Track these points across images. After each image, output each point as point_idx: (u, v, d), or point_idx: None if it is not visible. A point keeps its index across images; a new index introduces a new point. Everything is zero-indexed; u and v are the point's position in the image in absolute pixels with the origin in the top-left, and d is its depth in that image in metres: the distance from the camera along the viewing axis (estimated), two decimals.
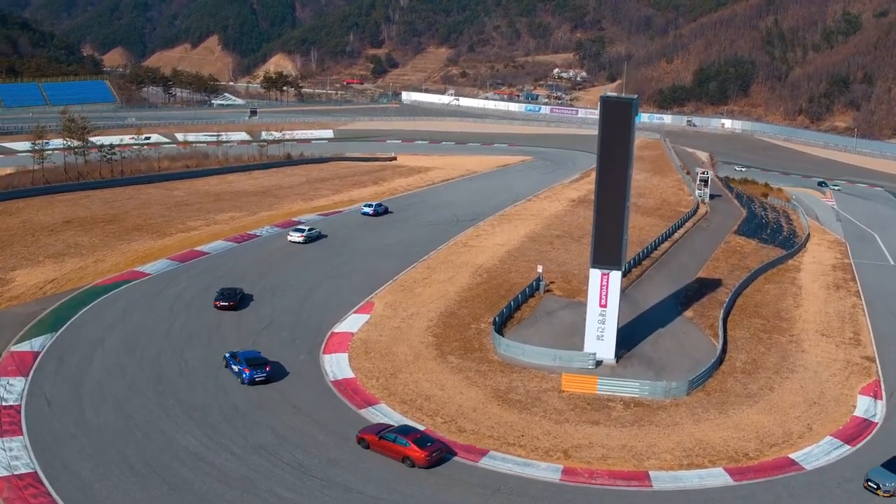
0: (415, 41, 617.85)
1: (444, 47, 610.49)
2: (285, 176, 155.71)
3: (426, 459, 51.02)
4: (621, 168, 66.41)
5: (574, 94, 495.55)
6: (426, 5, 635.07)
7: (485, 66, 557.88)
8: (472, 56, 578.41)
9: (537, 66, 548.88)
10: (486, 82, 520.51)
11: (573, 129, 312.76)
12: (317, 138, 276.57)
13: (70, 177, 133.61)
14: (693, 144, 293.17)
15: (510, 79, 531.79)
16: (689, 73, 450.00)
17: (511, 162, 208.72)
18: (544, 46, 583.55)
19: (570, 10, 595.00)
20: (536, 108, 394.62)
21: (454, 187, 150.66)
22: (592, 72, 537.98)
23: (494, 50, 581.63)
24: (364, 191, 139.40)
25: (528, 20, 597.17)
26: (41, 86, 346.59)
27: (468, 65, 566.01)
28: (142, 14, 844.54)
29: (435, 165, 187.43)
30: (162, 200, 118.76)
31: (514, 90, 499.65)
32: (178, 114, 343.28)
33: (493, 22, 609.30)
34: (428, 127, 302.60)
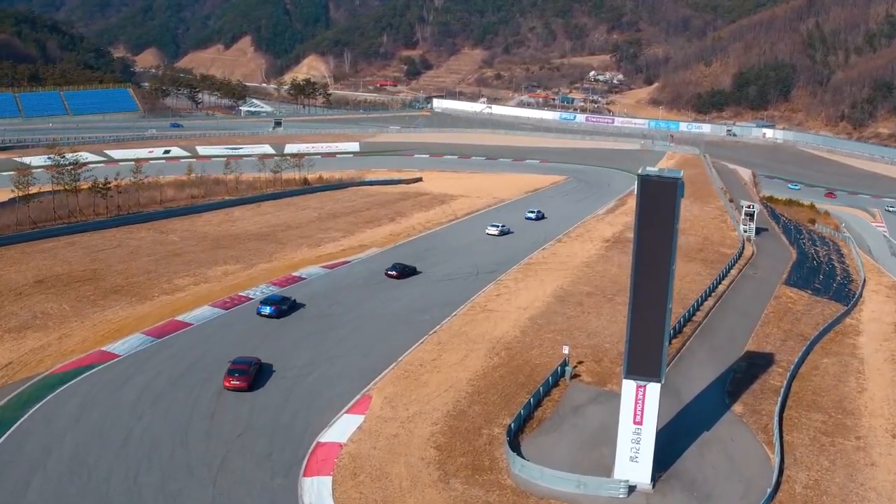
0: (449, 42, 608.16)
1: (478, 48, 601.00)
2: (296, 209, 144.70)
3: None
4: (663, 261, 54.63)
5: (610, 97, 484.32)
6: (461, 6, 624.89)
7: (520, 68, 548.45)
8: (506, 58, 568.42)
9: (573, 69, 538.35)
10: (521, 85, 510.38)
11: (609, 142, 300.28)
12: (342, 152, 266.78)
13: (60, 215, 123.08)
14: (733, 157, 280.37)
15: (545, 81, 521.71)
16: (727, 77, 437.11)
17: (542, 184, 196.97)
18: (580, 48, 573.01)
19: (606, 11, 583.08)
20: (571, 116, 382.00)
21: (478, 223, 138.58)
22: (629, 74, 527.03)
23: (529, 51, 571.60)
24: (379, 231, 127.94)
25: (564, 21, 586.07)
26: (62, 94, 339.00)
27: (503, 67, 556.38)
28: (175, 14, 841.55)
29: (461, 192, 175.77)
30: (152, 249, 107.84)
31: (550, 93, 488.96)
32: (201, 123, 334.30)
33: (529, 23, 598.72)
34: (458, 139, 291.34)
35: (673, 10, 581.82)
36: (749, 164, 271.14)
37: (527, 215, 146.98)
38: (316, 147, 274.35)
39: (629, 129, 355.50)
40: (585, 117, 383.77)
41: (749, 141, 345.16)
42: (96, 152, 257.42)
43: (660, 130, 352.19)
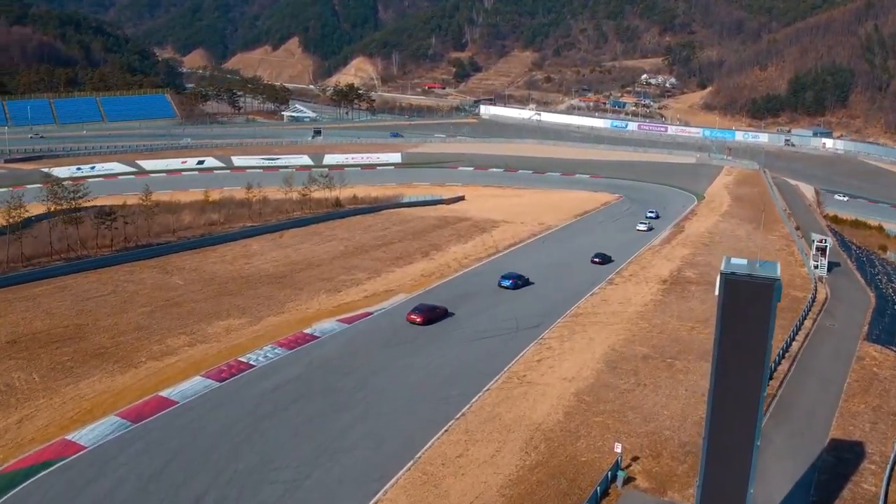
0: (498, 44, 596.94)
1: (528, 51, 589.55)
2: (322, 240, 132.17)
3: None
4: (751, 386, 41.00)
5: (662, 101, 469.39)
6: (511, 7, 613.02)
7: (570, 71, 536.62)
8: (557, 60, 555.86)
9: (624, 72, 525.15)
10: (572, 88, 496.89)
11: (662, 154, 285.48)
12: (383, 164, 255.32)
13: (58, 249, 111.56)
14: (792, 170, 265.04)
15: (596, 84, 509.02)
16: (783, 82, 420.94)
17: (593, 205, 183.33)
18: (632, 51, 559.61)
19: (658, 13, 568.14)
20: (623, 124, 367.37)
21: (520, 258, 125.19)
22: (682, 78, 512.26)
23: (580, 54, 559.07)
24: (409, 271, 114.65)
25: (616, 23, 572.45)
26: (98, 100, 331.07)
27: (553, 69, 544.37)
28: (223, 15, 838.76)
29: (504, 216, 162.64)
30: (150, 296, 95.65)
31: (601, 97, 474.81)
32: (239, 131, 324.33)
33: (580, 24, 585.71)
34: (504, 151, 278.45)
35: (726, 12, 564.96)
36: (809, 177, 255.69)
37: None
38: (356, 158, 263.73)
39: (683, 138, 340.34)
40: (638, 125, 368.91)
41: (808, 151, 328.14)
42: (127, 162, 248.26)
43: (715, 140, 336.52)
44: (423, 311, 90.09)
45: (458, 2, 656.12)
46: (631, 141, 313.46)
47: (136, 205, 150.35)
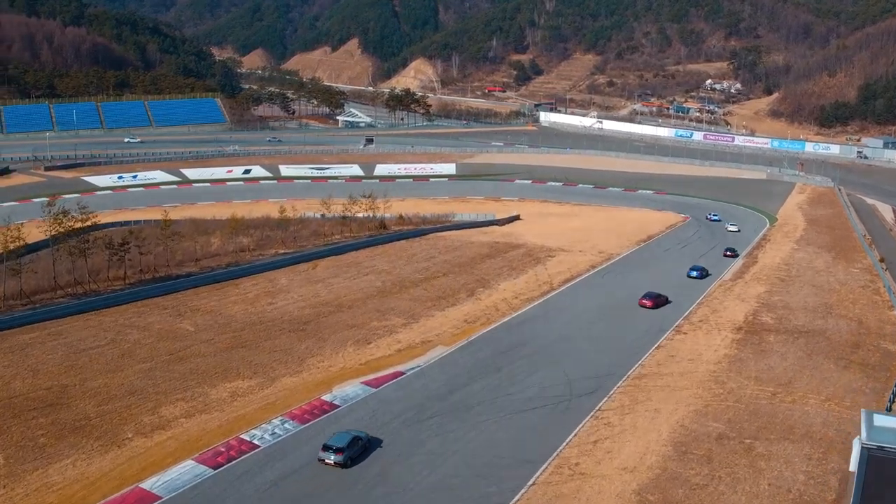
0: (560, 47, 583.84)
1: (590, 54, 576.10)
2: (357, 273, 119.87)
3: None
4: None
5: (727, 107, 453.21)
6: (573, 9, 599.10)
7: (633, 75, 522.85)
8: (619, 64, 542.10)
9: (688, 76, 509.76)
10: (634, 93, 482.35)
11: (730, 168, 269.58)
12: (436, 175, 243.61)
13: (63, 284, 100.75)
14: (866, 186, 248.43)
15: (659, 89, 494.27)
16: (852, 89, 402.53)
17: (657, 229, 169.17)
18: (696, 55, 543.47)
19: (724, 16, 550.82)
20: (688, 133, 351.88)
21: (577, 297, 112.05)
22: (747, 83, 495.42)
23: (643, 58, 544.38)
24: (451, 315, 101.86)
25: (680, 26, 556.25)
26: (147, 104, 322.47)
27: (615, 73, 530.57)
28: (283, 16, 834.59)
29: (561, 242, 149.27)
30: (153, 349, 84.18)
31: (664, 102, 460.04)
32: (290, 136, 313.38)
33: (643, 27, 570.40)
34: (564, 162, 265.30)
35: (793, 16, 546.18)
36: (885, 194, 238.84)
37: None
38: (408, 168, 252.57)
39: (751, 149, 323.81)
40: (703, 135, 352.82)
41: (882, 164, 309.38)
42: (171, 171, 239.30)
43: (784, 151, 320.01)
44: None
45: (519, 3, 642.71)
46: (696, 152, 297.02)
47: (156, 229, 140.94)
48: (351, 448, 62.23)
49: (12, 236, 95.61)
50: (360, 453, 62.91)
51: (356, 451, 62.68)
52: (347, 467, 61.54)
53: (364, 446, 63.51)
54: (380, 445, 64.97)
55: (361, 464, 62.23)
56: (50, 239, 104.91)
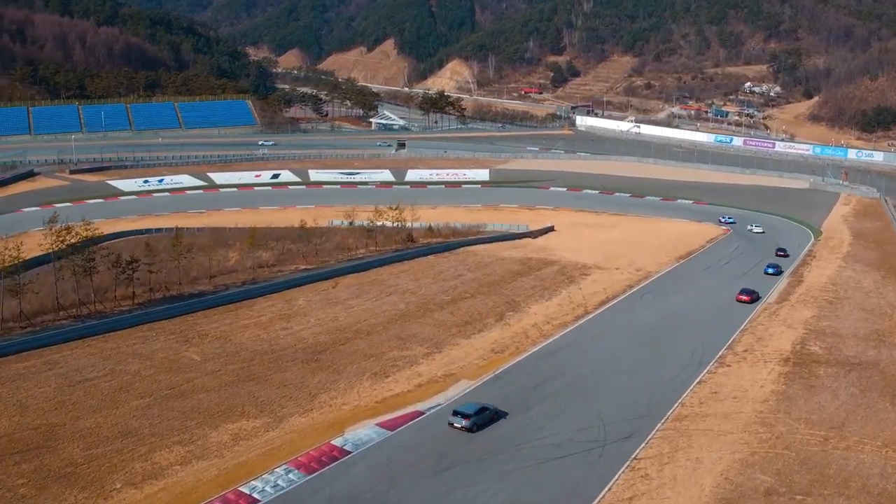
0: (597, 48, 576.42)
1: (628, 55, 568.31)
2: (380, 293, 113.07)
3: None
4: None
5: (767, 111, 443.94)
6: (610, 10, 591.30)
7: (671, 78, 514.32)
8: (657, 66, 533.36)
9: (727, 79, 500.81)
10: (672, 95, 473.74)
11: (772, 178, 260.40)
12: (469, 181, 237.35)
13: (65, 304, 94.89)
14: None
15: (697, 92, 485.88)
16: (895, 93, 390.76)
17: (697, 243, 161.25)
18: (735, 57, 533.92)
19: (763, 18, 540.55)
20: (728, 138, 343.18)
21: (613, 323, 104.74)
22: (787, 87, 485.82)
23: (681, 60, 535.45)
24: (477, 342, 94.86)
25: (719, 28, 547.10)
26: (177, 105, 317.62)
27: (653, 75, 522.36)
28: (319, 15, 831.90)
29: (596, 258, 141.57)
30: (153, 381, 78.00)
31: (702, 105, 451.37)
32: (320, 140, 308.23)
33: (681, 29, 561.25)
34: (600, 169, 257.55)
35: (835, 19, 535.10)
36: None
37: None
38: (440, 174, 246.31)
39: (792, 156, 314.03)
40: (743, 141, 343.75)
41: None
42: (198, 175, 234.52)
43: (826, 158, 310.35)
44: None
45: (556, 4, 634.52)
46: (736, 159, 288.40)
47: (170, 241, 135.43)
48: (478, 415, 70.26)
49: (10, 254, 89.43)
50: (487, 421, 70.82)
51: (483, 419, 70.52)
52: (473, 432, 69.25)
53: (492, 417, 71.64)
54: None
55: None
56: (52, 256, 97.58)
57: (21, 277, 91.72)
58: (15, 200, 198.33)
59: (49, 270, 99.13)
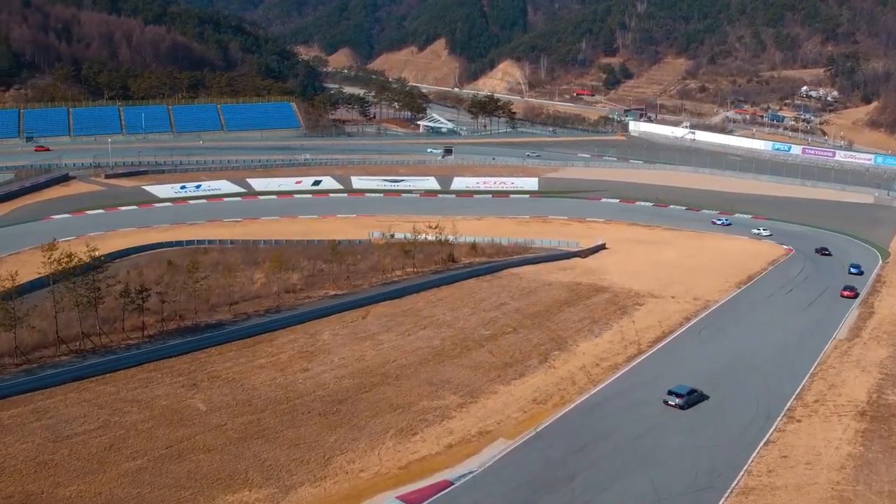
0: (651, 50, 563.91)
1: (682, 58, 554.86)
2: (414, 325, 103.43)
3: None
4: None
5: (824, 116, 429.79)
6: (664, 12, 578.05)
7: (726, 81, 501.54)
8: (712, 68, 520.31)
9: (783, 83, 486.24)
10: (727, 99, 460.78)
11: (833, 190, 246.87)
12: (517, 190, 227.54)
13: (66, 337, 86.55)
14: None
15: (753, 95, 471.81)
16: None
17: (758, 266, 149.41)
18: (791, 60, 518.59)
19: (821, 21, 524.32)
20: (786, 147, 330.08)
21: (669, 365, 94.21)
22: (845, 91, 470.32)
23: (737, 63, 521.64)
24: (518, 390, 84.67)
25: (775, 31, 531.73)
26: (219, 107, 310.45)
27: (707, 78, 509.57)
28: (370, 15, 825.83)
29: (650, 283, 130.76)
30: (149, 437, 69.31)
31: (757, 109, 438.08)
32: (364, 145, 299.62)
33: (737, 31, 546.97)
34: (654, 179, 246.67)
35: (894, 22, 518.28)
36: None
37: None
38: (487, 183, 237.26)
39: (852, 165, 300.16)
40: (802, 149, 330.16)
41: None
42: (237, 181, 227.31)
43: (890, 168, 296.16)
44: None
45: (610, 5, 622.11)
46: (795, 169, 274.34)
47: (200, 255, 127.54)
48: (689, 396, 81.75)
49: (5, 281, 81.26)
50: (696, 401, 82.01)
51: (693, 400, 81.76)
52: (684, 409, 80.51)
53: (699, 398, 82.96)
54: None
55: None
56: (49, 283, 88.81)
57: (17, 306, 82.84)
58: (46, 207, 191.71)
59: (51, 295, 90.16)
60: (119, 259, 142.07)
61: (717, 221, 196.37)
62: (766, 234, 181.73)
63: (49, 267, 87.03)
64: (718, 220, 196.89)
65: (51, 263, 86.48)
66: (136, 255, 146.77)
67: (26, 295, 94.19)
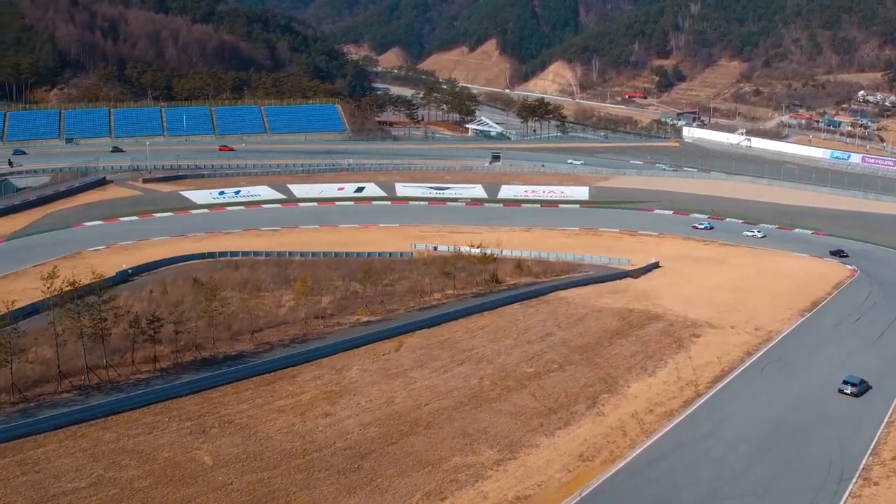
0: (704, 52, 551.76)
1: (736, 60, 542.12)
2: (450, 360, 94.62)
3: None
4: None
5: (881, 121, 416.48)
6: (719, 13, 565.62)
7: (781, 84, 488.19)
8: (766, 72, 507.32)
9: (839, 87, 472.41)
10: (782, 103, 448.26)
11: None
12: (567, 200, 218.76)
13: (69, 370, 79.31)
14: None
15: (808, 100, 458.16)
16: None
17: (821, 290, 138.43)
18: (848, 64, 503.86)
19: (878, 23, 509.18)
20: (845, 155, 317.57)
21: (729, 414, 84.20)
22: None
23: (792, 66, 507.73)
24: (562, 442, 75.73)
25: (831, 33, 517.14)
26: (263, 109, 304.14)
27: (762, 81, 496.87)
28: (421, 14, 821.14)
29: (707, 311, 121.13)
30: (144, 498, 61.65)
31: (813, 114, 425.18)
32: (410, 150, 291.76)
33: (792, 34, 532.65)
34: (708, 189, 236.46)
35: None
36: None
37: None
38: (535, 192, 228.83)
39: None
40: (862, 158, 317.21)
41: None
42: (277, 186, 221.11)
43: None
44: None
45: (663, 6, 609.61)
46: (855, 179, 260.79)
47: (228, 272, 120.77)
48: (861, 385, 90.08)
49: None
50: (865, 390, 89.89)
51: (863, 389, 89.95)
52: (857, 396, 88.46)
53: (867, 387, 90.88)
54: None
55: None
56: (51, 316, 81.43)
57: (15, 337, 75.59)
58: (79, 213, 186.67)
59: (60, 319, 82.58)
60: (146, 273, 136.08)
61: (700, 226, 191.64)
62: (761, 237, 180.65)
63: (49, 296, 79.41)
64: (701, 225, 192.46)
65: (51, 293, 78.69)
66: (165, 267, 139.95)
67: (32, 317, 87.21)
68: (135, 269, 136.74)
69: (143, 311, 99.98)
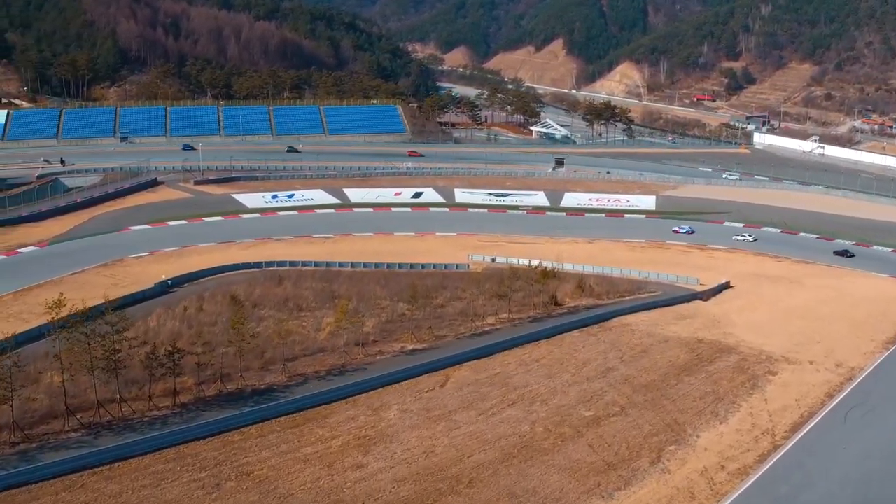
0: (775, 55, 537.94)
1: (807, 63, 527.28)
2: (501, 399, 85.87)
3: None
4: None
5: None
6: (790, 15, 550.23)
7: (853, 88, 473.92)
8: (838, 75, 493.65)
9: None
10: (854, 108, 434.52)
11: None
12: (633, 209, 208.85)
13: (76, 407, 72.04)
14: None
15: (881, 105, 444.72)
16: None
17: None
18: None
19: None
20: None
21: (810, 471, 74.25)
22: None
23: (864, 70, 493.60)
24: (623, 503, 67.95)
25: None
26: (322, 110, 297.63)
27: (834, 85, 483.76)
28: (487, 13, 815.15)
29: (784, 344, 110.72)
30: None
31: (886, 120, 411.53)
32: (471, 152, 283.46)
33: (865, 36, 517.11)
34: (781, 201, 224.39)
35: None
36: None
37: None
38: (600, 200, 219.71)
39: None
40: None
41: None
42: (333, 189, 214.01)
43: None
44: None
45: (733, 7, 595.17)
46: None
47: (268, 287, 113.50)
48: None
49: None
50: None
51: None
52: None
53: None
54: None
55: None
56: (56, 347, 74.03)
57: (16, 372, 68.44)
58: (127, 216, 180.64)
59: (73, 341, 75.02)
60: (187, 283, 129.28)
61: (680, 230, 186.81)
62: (752, 240, 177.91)
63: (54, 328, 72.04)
64: (681, 229, 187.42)
65: (56, 323, 71.27)
66: (206, 278, 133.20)
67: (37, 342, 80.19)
68: (175, 279, 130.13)
69: (173, 331, 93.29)
